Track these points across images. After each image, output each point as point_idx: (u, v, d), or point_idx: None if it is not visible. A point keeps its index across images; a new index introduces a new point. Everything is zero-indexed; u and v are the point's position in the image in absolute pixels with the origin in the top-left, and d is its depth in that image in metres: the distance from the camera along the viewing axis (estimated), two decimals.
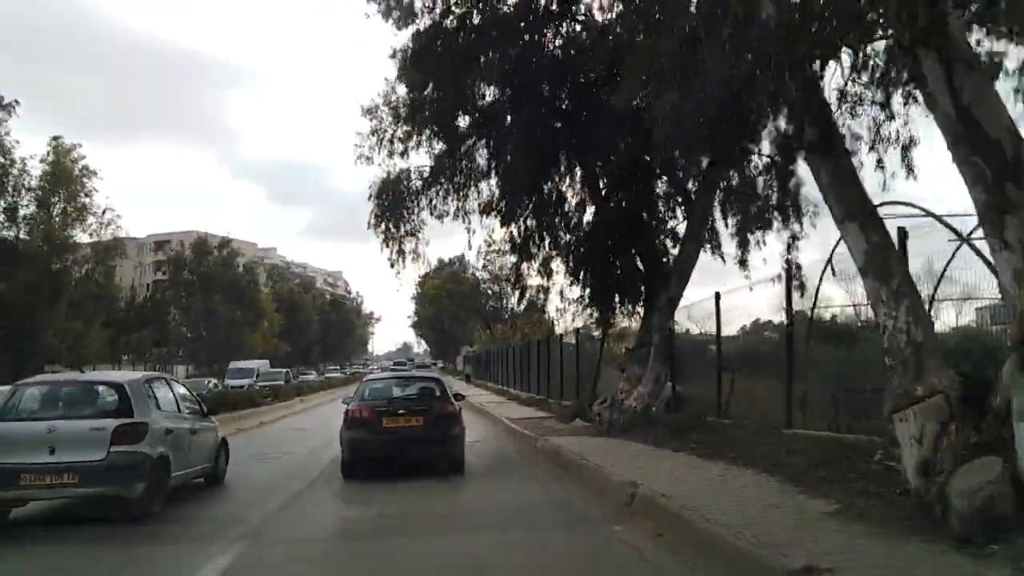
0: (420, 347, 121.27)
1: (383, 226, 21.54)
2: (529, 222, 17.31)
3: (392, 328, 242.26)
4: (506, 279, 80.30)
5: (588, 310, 16.10)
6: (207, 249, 57.27)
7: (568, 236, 16.34)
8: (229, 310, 56.49)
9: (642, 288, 14.65)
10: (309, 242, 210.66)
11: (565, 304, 21.94)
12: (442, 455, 10.51)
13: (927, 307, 8.97)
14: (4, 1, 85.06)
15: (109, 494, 7.62)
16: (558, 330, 26.85)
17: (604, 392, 17.99)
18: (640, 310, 14.96)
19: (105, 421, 7.83)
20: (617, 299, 15.18)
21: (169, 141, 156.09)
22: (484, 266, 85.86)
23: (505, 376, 37.79)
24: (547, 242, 17.36)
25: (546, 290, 22.87)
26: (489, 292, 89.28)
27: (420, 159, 19.95)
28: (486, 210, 19.14)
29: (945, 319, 8.80)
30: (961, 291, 8.30)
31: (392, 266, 22.07)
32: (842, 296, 9.68)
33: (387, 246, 22.04)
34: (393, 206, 21.10)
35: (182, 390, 10.09)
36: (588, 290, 15.94)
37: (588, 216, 16.37)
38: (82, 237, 32.85)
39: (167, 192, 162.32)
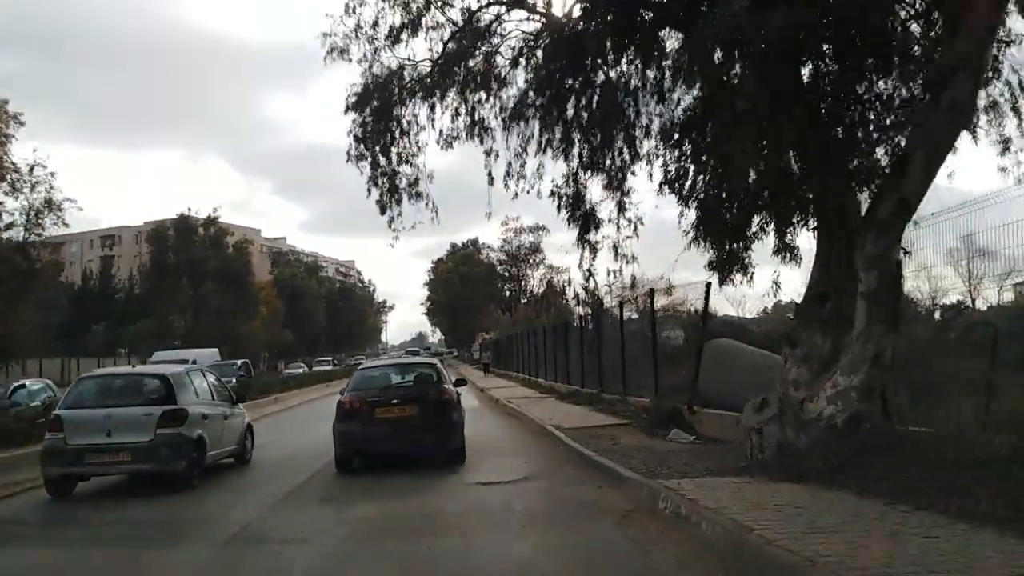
0: (435, 336, 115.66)
1: (368, 150, 15.27)
2: (588, 110, 10.90)
3: (407, 317, 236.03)
4: (524, 258, 73.66)
5: (697, 244, 9.52)
6: (191, 228, 50.78)
7: (662, 121, 9.79)
8: (220, 297, 50.18)
9: (811, 195, 8.00)
10: (323, 237, 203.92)
11: (623, 263, 15.70)
12: (440, 445, 9.88)
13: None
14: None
15: (156, 470, 8.81)
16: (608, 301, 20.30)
17: (712, 385, 11.42)
18: (806, 233, 8.34)
19: (152, 408, 8.96)
20: (767, 219, 8.54)
21: (168, 135, 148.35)
22: (501, 246, 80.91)
23: (533, 364, 31.24)
24: (620, 141, 10.88)
25: (594, 246, 16.75)
26: (506, 274, 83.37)
27: (419, 49, 13.56)
28: (515, 115, 12.91)
29: (986, 296, 8.21)
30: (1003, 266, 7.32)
31: (383, 211, 15.71)
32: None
33: (375, 184, 15.68)
34: (380, 119, 14.86)
35: (214, 380, 11.03)
36: (697, 211, 9.36)
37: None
38: (9, 203, 26.55)
39: (170, 189, 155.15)
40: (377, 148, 15.54)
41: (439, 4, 12.91)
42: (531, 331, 34.21)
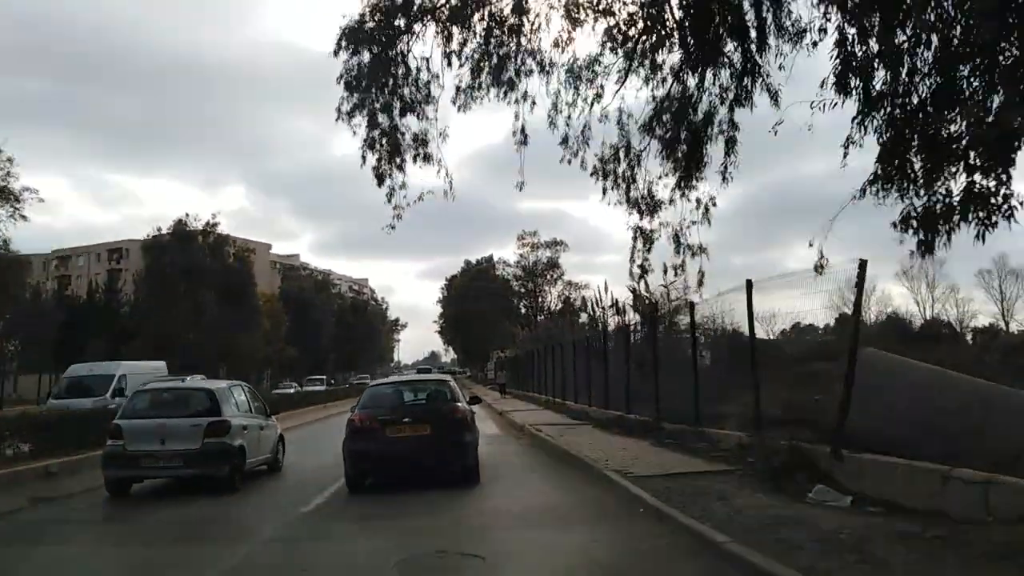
0: (448, 356, 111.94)
1: (363, 100, 12.11)
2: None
3: (420, 337, 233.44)
4: (541, 274, 70.51)
5: (879, 187, 5.82)
6: (190, 235, 47.22)
7: None
8: (219, 309, 46.52)
9: None
10: (338, 261, 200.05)
11: (685, 256, 12.75)
12: (453, 465, 9.38)
13: None
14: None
15: (204, 474, 9.53)
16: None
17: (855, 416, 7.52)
18: None
19: (200, 419, 9.73)
20: None
21: (186, 155, 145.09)
22: (518, 261, 77.50)
23: (559, 384, 27.27)
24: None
25: (649, 235, 13.72)
26: (522, 290, 79.51)
27: None
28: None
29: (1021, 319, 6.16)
30: None
31: (380, 181, 12.54)
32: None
33: (371, 147, 12.41)
34: (381, 57, 11.76)
35: (250, 394, 11.78)
36: (887, 127, 5.69)
37: None
38: None
39: (189, 209, 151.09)
40: (375, 94, 12.04)
41: None
42: (555, 347, 30.32)
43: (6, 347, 51.31)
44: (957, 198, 5.12)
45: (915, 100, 5.54)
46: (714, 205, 13.15)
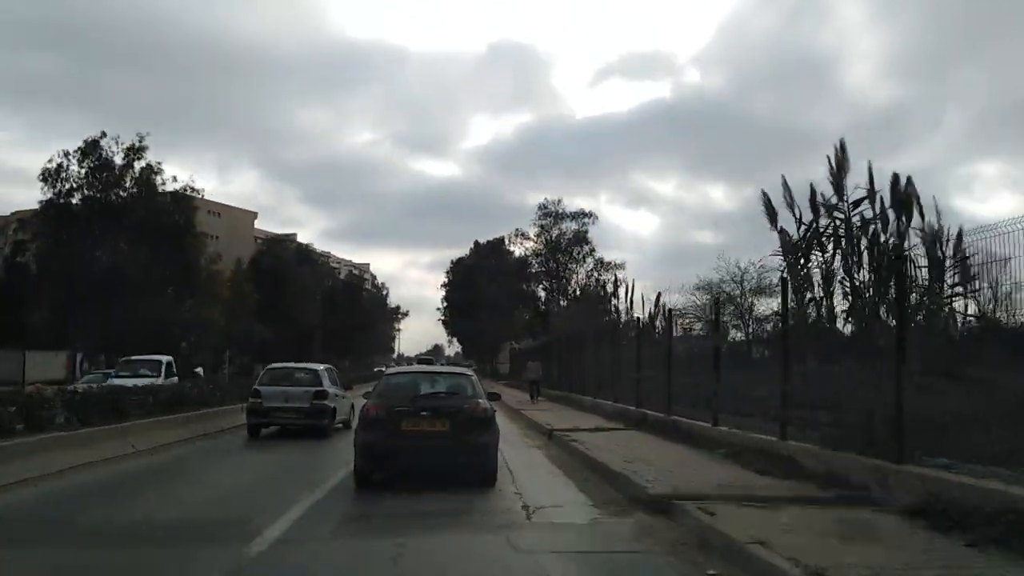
0: (451, 349, 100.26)
1: None
2: None
3: (424, 330, 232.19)
4: (565, 250, 55.60)
5: None
6: (107, 162, 34.20)
7: None
8: (148, 268, 34.06)
9: None
10: (349, 250, 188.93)
11: None
12: (471, 468, 9.07)
13: None
14: None
15: (311, 424, 14.81)
16: None
17: None
18: None
19: (309, 388, 15.17)
20: None
21: (198, 140, 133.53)
22: (539, 233, 64.96)
23: (654, 388, 14.85)
24: None
25: None
26: (542, 270, 67.14)
27: None
28: None
29: None
30: None
31: None
32: None
33: None
34: None
35: (336, 375, 17.39)
36: None
37: None
38: None
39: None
40: None
41: None
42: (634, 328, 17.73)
43: None
44: None
45: None
46: None
